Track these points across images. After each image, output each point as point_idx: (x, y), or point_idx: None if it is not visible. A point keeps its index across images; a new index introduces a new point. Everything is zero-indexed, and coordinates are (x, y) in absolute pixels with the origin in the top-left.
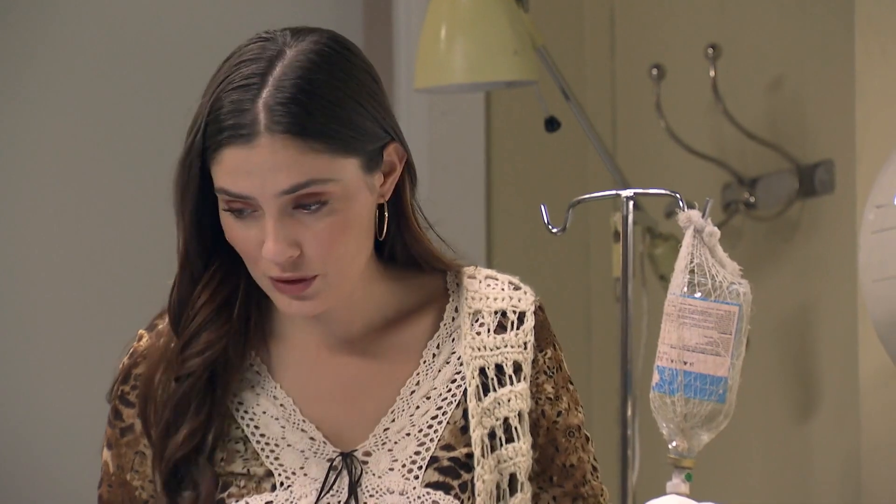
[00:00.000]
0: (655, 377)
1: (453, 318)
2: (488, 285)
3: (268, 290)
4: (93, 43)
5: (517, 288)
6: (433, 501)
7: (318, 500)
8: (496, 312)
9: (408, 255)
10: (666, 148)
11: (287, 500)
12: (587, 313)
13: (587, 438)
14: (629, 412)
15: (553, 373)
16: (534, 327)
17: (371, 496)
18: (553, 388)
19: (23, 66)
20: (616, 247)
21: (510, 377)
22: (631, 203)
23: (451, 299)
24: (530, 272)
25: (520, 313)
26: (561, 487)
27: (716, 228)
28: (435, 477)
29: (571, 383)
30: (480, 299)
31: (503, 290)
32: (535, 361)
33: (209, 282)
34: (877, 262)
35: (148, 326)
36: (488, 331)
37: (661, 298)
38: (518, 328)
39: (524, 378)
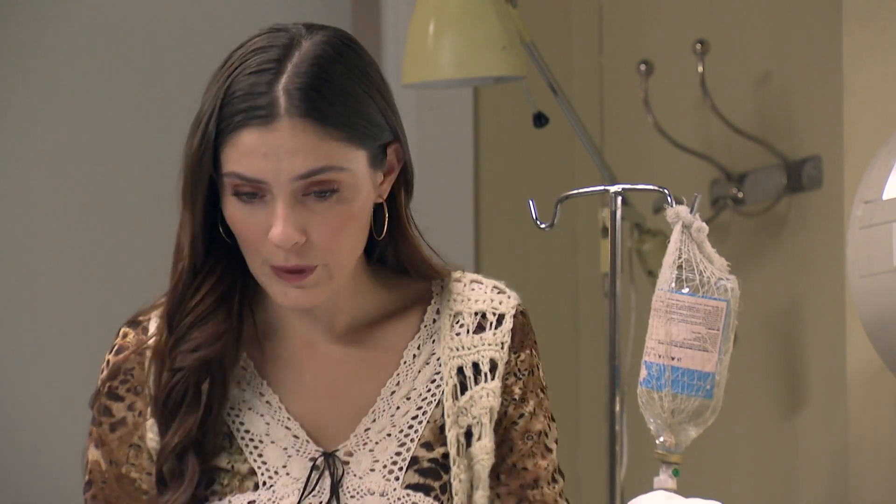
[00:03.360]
0: (643, 373)
1: (434, 320)
2: (472, 289)
3: (265, 279)
4: (92, 43)
5: (501, 292)
6: (413, 503)
7: (300, 500)
8: (476, 314)
9: (398, 261)
10: (654, 143)
11: (270, 499)
12: (575, 309)
13: (547, 448)
14: (617, 408)
15: (523, 375)
16: (512, 329)
17: (352, 497)
18: (521, 390)
19: (23, 65)
20: (604, 242)
21: (486, 374)
22: (619, 199)
23: (433, 301)
24: (518, 268)
25: (499, 315)
26: (507, 486)
27: (704, 224)
28: (415, 479)
29: (543, 391)
30: (462, 301)
31: (486, 293)
32: (508, 362)
33: (208, 275)
34: (864, 258)
35: (130, 323)
36: (467, 331)
37: (648, 294)
38: (496, 328)
39: (498, 376)
